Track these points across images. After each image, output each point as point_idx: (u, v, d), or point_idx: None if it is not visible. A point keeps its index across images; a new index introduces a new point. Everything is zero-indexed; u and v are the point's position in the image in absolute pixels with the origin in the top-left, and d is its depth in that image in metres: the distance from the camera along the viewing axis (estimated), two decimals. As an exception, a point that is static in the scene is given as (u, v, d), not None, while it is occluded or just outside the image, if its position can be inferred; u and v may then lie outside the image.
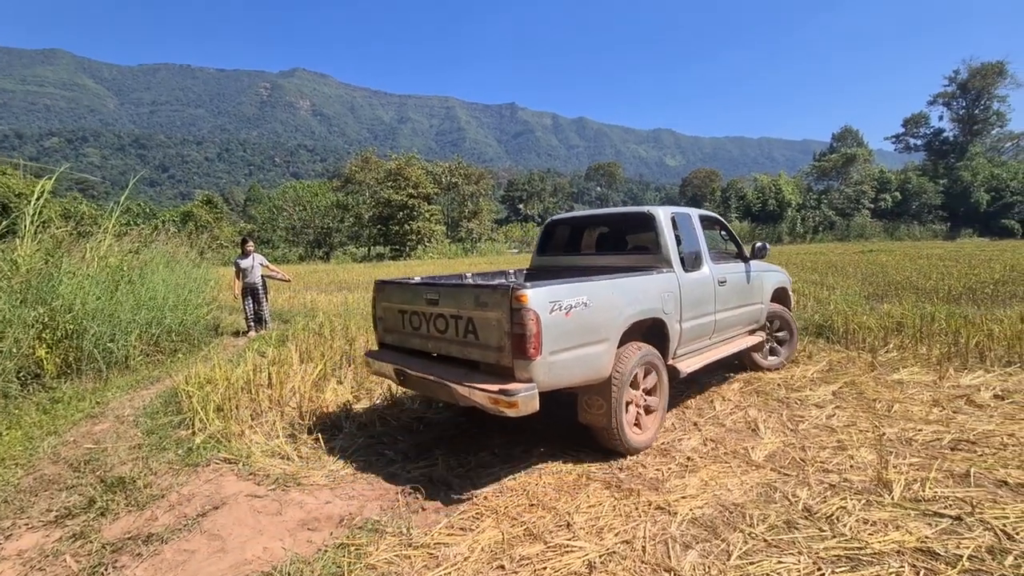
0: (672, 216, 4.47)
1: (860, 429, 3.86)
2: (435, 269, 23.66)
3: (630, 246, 4.83)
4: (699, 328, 4.37)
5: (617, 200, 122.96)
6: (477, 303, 3.20)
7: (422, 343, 3.72)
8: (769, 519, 2.72)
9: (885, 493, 2.93)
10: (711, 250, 4.95)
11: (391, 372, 3.66)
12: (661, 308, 3.85)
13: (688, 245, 4.46)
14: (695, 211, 4.86)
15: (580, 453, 3.62)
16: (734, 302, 4.88)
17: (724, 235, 5.50)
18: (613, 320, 3.42)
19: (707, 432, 3.94)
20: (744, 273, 5.10)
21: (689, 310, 4.19)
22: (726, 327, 4.82)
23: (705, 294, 4.44)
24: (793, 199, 55.08)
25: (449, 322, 3.43)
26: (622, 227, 5.11)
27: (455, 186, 52.83)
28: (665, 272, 4.11)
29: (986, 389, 4.59)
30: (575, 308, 3.18)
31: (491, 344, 3.15)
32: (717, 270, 4.68)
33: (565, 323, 3.10)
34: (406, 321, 3.84)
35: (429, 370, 3.43)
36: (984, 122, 59.76)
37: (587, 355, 3.26)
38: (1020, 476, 3.04)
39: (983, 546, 2.43)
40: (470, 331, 3.29)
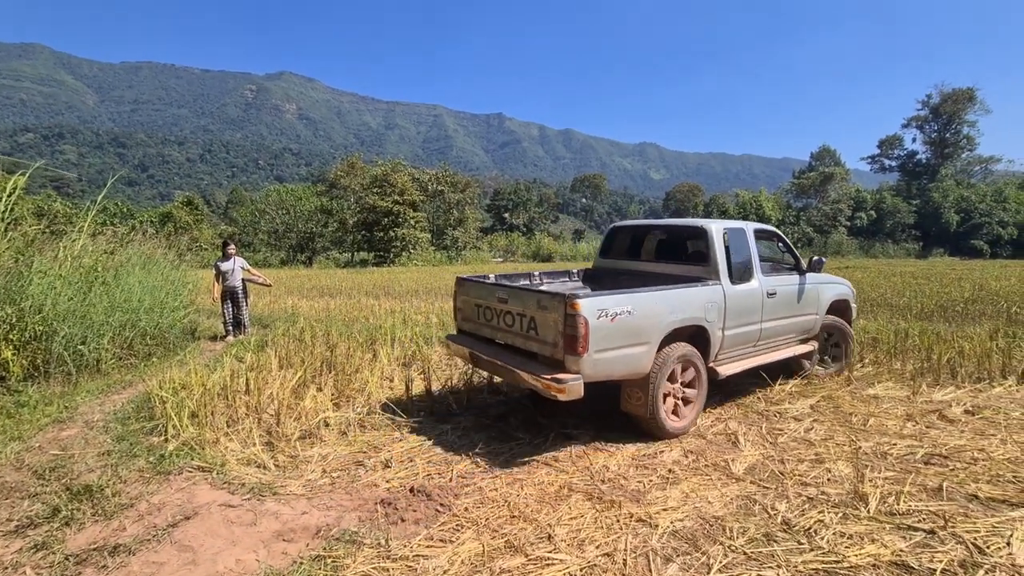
0: (724, 231, 4.75)
1: (837, 442, 3.92)
2: (420, 277, 23.53)
3: (684, 256, 5.10)
4: (743, 336, 4.69)
5: (602, 211, 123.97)
6: (539, 306, 3.80)
7: (492, 333, 4.36)
8: (749, 532, 2.74)
9: (861, 506, 2.97)
10: (767, 262, 5.39)
11: (466, 354, 4.45)
12: (704, 317, 4.26)
13: (738, 259, 4.75)
14: (751, 225, 5.14)
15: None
16: (783, 313, 5.11)
17: (782, 247, 5.64)
18: (654, 327, 3.90)
19: (688, 444, 3.96)
20: (797, 285, 5.31)
21: (733, 319, 4.53)
22: (773, 335, 5.08)
23: (751, 305, 4.74)
24: (773, 215, 56.21)
25: (516, 318, 4.04)
26: (678, 238, 5.36)
27: (441, 194, 52.77)
28: (712, 284, 4.46)
29: (957, 404, 4.71)
30: (620, 316, 3.69)
31: (548, 340, 3.73)
32: (767, 282, 4.94)
33: (610, 328, 3.63)
34: (480, 313, 4.52)
35: (497, 356, 4.12)
36: (955, 145, 62.07)
37: (628, 355, 3.78)
38: (990, 491, 3.12)
39: (955, 560, 2.47)
40: (532, 327, 3.89)
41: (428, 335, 7.70)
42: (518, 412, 4.71)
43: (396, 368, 6.13)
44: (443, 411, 4.74)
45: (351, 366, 5.67)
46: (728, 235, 4.75)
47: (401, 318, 9.75)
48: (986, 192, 55.82)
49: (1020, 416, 4.39)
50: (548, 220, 75.46)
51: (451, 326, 8.35)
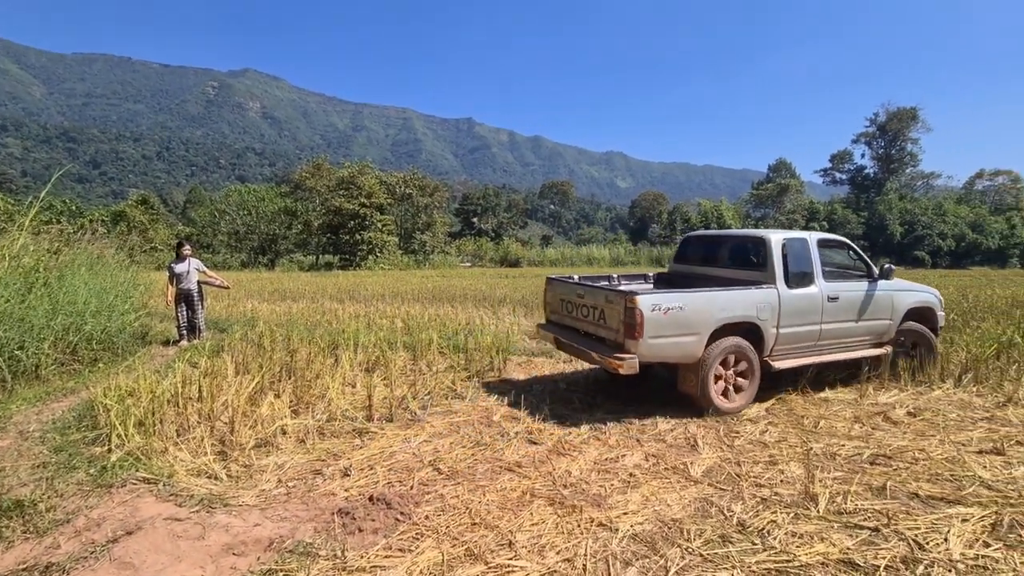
0: (783, 241, 5.29)
1: (790, 444, 4.05)
2: (386, 281, 23.21)
3: (746, 263, 5.61)
4: (799, 335, 5.20)
5: (570, 218, 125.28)
6: (607, 300, 4.78)
7: (572, 322, 5.40)
8: (706, 534, 2.79)
9: (812, 506, 3.08)
10: (836, 268, 5.87)
11: (552, 339, 5.61)
12: (756, 315, 4.89)
13: (796, 266, 5.24)
14: (815, 235, 5.58)
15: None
16: (847, 316, 5.49)
17: (852, 255, 5.98)
18: (703, 321, 4.64)
19: (649, 448, 4.02)
20: (865, 291, 5.62)
21: (788, 319, 5.08)
22: (836, 337, 5.48)
23: (809, 307, 5.22)
24: (733, 224, 58.07)
25: (590, 310, 5.04)
26: (742, 246, 5.88)
27: (409, 197, 52.27)
28: (766, 288, 5.03)
29: (900, 407, 4.94)
30: (671, 310, 4.51)
31: (612, 327, 4.69)
32: (829, 287, 5.37)
33: (663, 319, 4.47)
34: (563, 306, 5.56)
35: (576, 340, 5.14)
36: (899, 161, 65.79)
37: (679, 342, 4.59)
38: (930, 489, 3.28)
39: (898, 556, 2.58)
40: (601, 318, 4.86)
41: (393, 340, 7.58)
42: (482, 416, 4.69)
43: (359, 374, 6.01)
44: (407, 418, 4.67)
45: (311, 372, 5.52)
46: (787, 244, 5.28)
47: (365, 323, 9.58)
48: (927, 206, 59.36)
49: (956, 417, 4.64)
50: (517, 226, 75.71)
51: (416, 330, 8.25)
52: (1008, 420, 4.56)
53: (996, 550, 2.61)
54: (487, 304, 13.20)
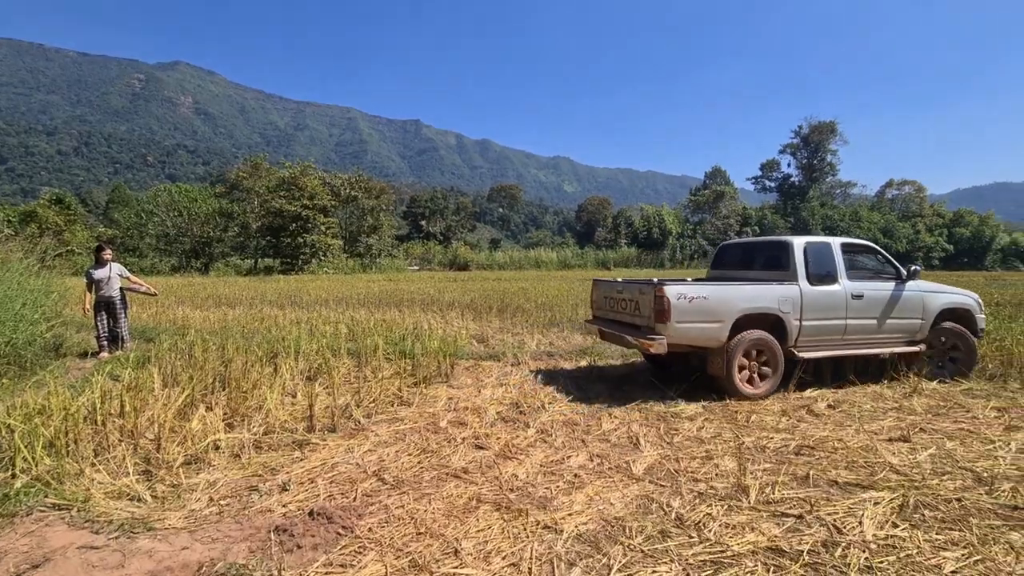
0: (805, 244, 5.90)
1: (724, 439, 4.26)
2: (330, 285, 22.49)
3: (773, 264, 6.15)
4: (823, 328, 5.75)
5: (518, 221, 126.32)
6: (640, 292, 5.63)
7: (613, 315, 6.30)
8: (646, 530, 2.88)
9: (744, 498, 3.24)
10: (861, 269, 6.29)
11: (597, 331, 6.73)
12: (777, 308, 5.52)
13: (818, 266, 5.83)
14: (839, 240, 6.13)
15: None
16: (873, 313, 5.96)
17: (880, 258, 6.41)
18: (726, 310, 5.35)
19: (594, 448, 4.11)
20: (892, 291, 6.07)
21: (810, 313, 5.66)
22: (862, 332, 5.95)
23: (832, 303, 5.77)
24: (674, 229, 60.53)
25: (627, 303, 5.92)
26: (769, 251, 6.39)
27: (355, 199, 50.96)
28: (787, 284, 5.68)
29: (822, 400, 5.32)
30: (696, 299, 5.27)
31: (645, 315, 5.50)
32: (853, 286, 5.89)
33: (688, 307, 5.23)
34: (606, 302, 6.49)
35: (616, 329, 6.01)
36: (821, 171, 70.94)
37: (703, 328, 5.32)
38: (848, 476, 3.54)
39: (819, 541, 2.77)
40: (636, 308, 5.69)
41: (337, 346, 7.36)
42: (429, 423, 4.63)
43: (300, 383, 5.79)
44: (350, 427, 4.54)
45: (248, 382, 5.26)
46: (808, 247, 5.89)
47: (308, 329, 9.24)
48: (845, 212, 64.54)
49: (870, 409, 5.04)
50: (465, 229, 75.51)
51: (361, 336, 8.03)
52: (913, 409, 5.01)
53: (903, 530, 2.85)
54: (435, 308, 13.07)
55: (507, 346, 8.27)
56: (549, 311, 12.07)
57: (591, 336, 9.10)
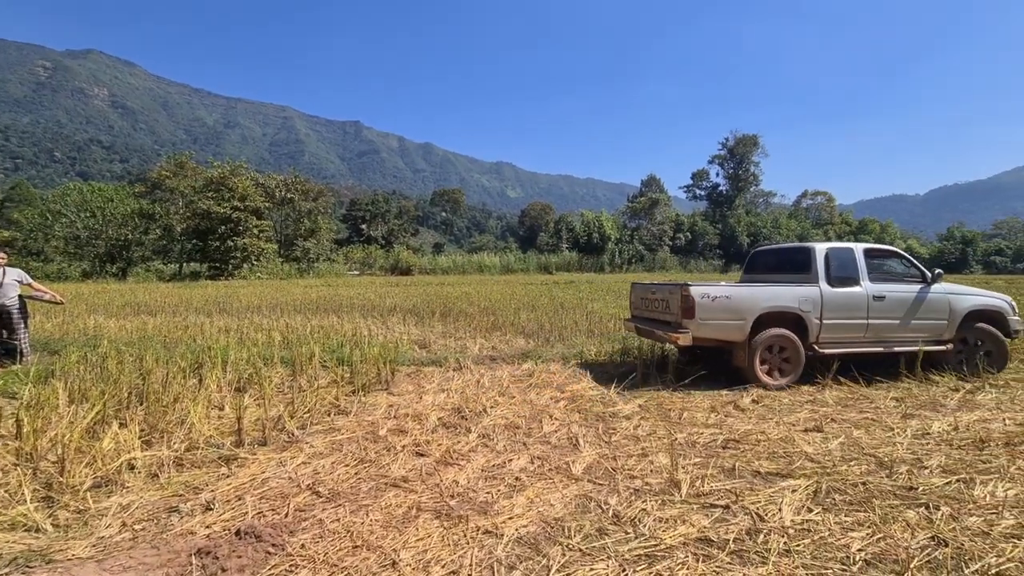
0: (827, 250, 6.44)
1: (658, 436, 4.43)
2: (264, 291, 21.42)
3: (798, 268, 6.59)
4: (844, 327, 6.25)
5: (461, 225, 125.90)
6: (670, 293, 6.32)
7: (647, 313, 7.09)
8: (585, 529, 2.94)
9: (676, 492, 3.39)
10: (886, 273, 6.91)
11: (634, 328, 7.31)
12: (797, 307, 6.08)
13: (839, 270, 6.32)
14: (861, 245, 6.58)
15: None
16: (895, 314, 6.39)
17: (906, 263, 6.90)
18: (748, 308, 5.95)
19: (535, 451, 4.15)
20: (915, 293, 6.49)
21: (831, 312, 6.16)
22: (885, 331, 6.39)
23: (853, 304, 6.25)
24: (612, 234, 62.45)
25: (659, 302, 6.67)
26: (795, 256, 6.82)
27: (291, 201, 48.88)
28: (808, 285, 6.21)
29: (747, 396, 5.65)
30: (719, 298, 5.93)
31: (674, 311, 6.20)
32: (875, 288, 6.35)
33: (712, 305, 5.91)
34: (642, 302, 7.29)
35: (650, 326, 6.69)
36: (745, 180, 75.69)
37: (726, 324, 5.96)
38: (769, 466, 3.78)
39: (744, 529, 2.93)
40: (667, 306, 6.42)
41: (269, 355, 7.01)
42: (367, 432, 4.51)
43: (228, 394, 5.47)
44: (283, 439, 4.34)
45: (169, 395, 4.90)
46: (830, 252, 6.41)
47: (237, 337, 8.75)
48: (767, 219, 69.32)
49: (788, 403, 5.42)
50: (408, 233, 74.28)
51: (296, 344, 7.69)
52: (825, 402, 5.44)
53: (817, 514, 3.07)
54: (376, 314, 12.76)
55: (450, 351, 8.21)
56: (492, 315, 12.09)
57: (532, 339, 9.21)
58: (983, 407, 5.22)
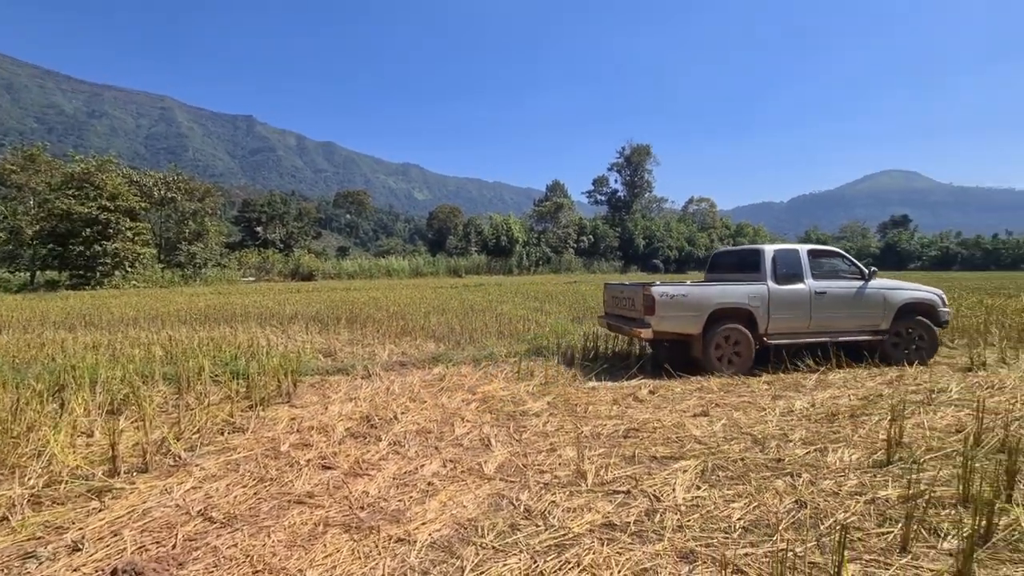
0: (774, 251, 7.17)
1: (566, 431, 4.64)
2: (140, 301, 19.16)
3: (751, 268, 7.28)
4: (789, 320, 6.96)
5: (367, 228, 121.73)
6: (634, 292, 7.01)
7: (617, 311, 7.73)
8: (498, 526, 3.01)
9: (582, 482, 3.57)
10: (828, 271, 7.51)
11: (606, 324, 7.99)
12: (747, 303, 6.79)
13: (785, 269, 7.06)
14: (806, 247, 7.28)
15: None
16: (836, 308, 7.12)
17: (847, 262, 7.56)
18: (703, 304, 6.68)
19: (447, 454, 4.16)
20: (854, 289, 7.23)
21: (777, 307, 6.89)
22: (827, 323, 7.11)
23: (797, 300, 6.99)
24: (520, 237, 63.85)
25: (626, 300, 7.38)
26: (748, 257, 7.51)
27: (172, 201, 44.19)
28: (757, 283, 6.94)
29: (645, 388, 6.08)
30: (676, 296, 6.62)
31: (638, 309, 6.86)
32: (817, 284, 7.09)
33: (670, 302, 6.61)
34: (613, 301, 7.97)
35: (619, 322, 7.41)
36: (640, 187, 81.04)
37: (683, 319, 6.66)
38: (664, 451, 4.10)
39: (643, 510, 3.17)
40: (633, 304, 7.08)
41: (149, 372, 6.33)
42: (267, 448, 4.24)
43: (99, 418, 4.86)
44: (168, 464, 3.95)
45: (20, 424, 4.26)
46: (777, 253, 7.14)
47: (108, 354, 7.78)
48: (660, 224, 74.89)
49: (680, 392, 5.92)
50: (309, 236, 70.35)
51: (182, 358, 7.01)
52: (711, 389, 6.00)
53: (704, 491, 3.40)
54: (275, 322, 11.98)
55: (357, 358, 7.93)
56: (401, 320, 11.86)
57: (443, 343, 9.18)
58: (834, 386, 6.07)
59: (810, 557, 2.64)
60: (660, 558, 2.65)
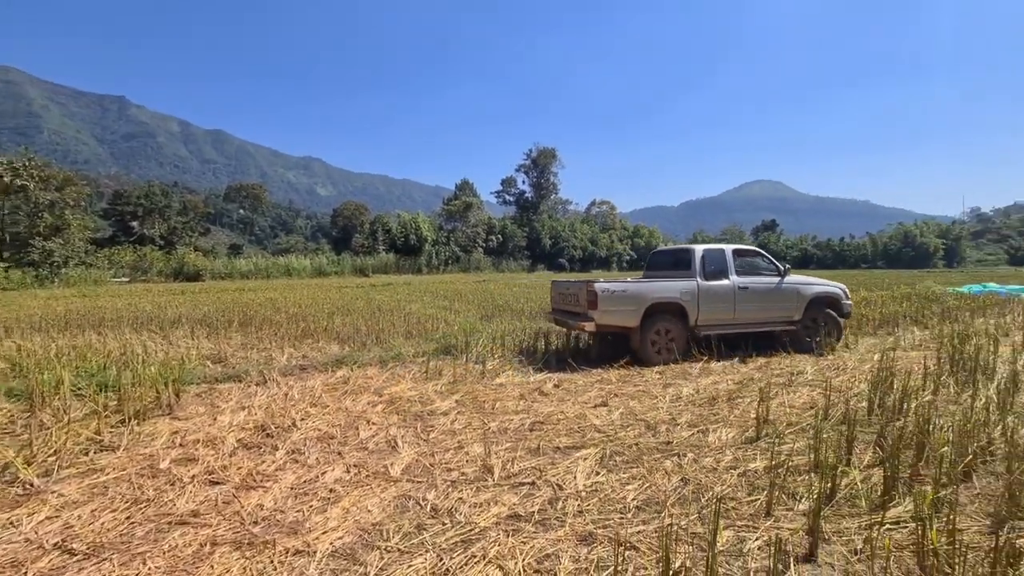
0: (703, 250, 7.85)
1: (473, 428, 4.69)
2: (-25, 306, 16.25)
3: (685, 266, 7.92)
4: (717, 312, 7.64)
5: (264, 225, 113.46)
6: (578, 289, 7.56)
7: (564, 306, 8.18)
8: (403, 528, 2.98)
9: (489, 476, 3.64)
10: (750, 268, 8.14)
11: (554, 320, 8.56)
12: (679, 297, 7.43)
13: (712, 266, 7.73)
14: (731, 246, 8.02)
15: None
16: (756, 301, 7.85)
17: (766, 260, 8.31)
18: (640, 299, 7.26)
19: (351, 459, 4.02)
20: (771, 284, 7.99)
21: (706, 301, 7.55)
22: (749, 315, 7.84)
23: (723, 294, 7.66)
24: (429, 236, 63.10)
25: (571, 296, 7.86)
26: (680, 255, 8.26)
27: (22, 190, 37.95)
28: (688, 280, 7.59)
29: (550, 382, 6.31)
30: (616, 292, 7.15)
31: (582, 304, 7.33)
32: (740, 280, 7.79)
33: (611, 297, 7.12)
34: (560, 297, 8.46)
35: (565, 317, 7.90)
36: (547, 188, 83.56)
37: (623, 312, 7.19)
38: (567, 441, 4.29)
39: (546, 499, 3.30)
40: (577, 299, 7.54)
41: (-12, 390, 5.42)
42: (143, 467, 3.83)
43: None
44: (15, 493, 3.42)
45: None
46: (705, 252, 7.81)
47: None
48: (565, 224, 77.81)
49: (582, 384, 6.23)
50: (196, 232, 64.07)
51: (35, 370, 6.08)
52: (610, 380, 6.38)
53: (602, 476, 3.62)
54: (155, 327, 10.78)
55: (252, 363, 7.38)
56: (303, 321, 11.22)
57: (348, 344, 8.84)
58: (715, 373, 6.72)
59: (692, 528, 2.91)
60: (562, 543, 2.78)
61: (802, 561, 2.62)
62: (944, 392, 5.42)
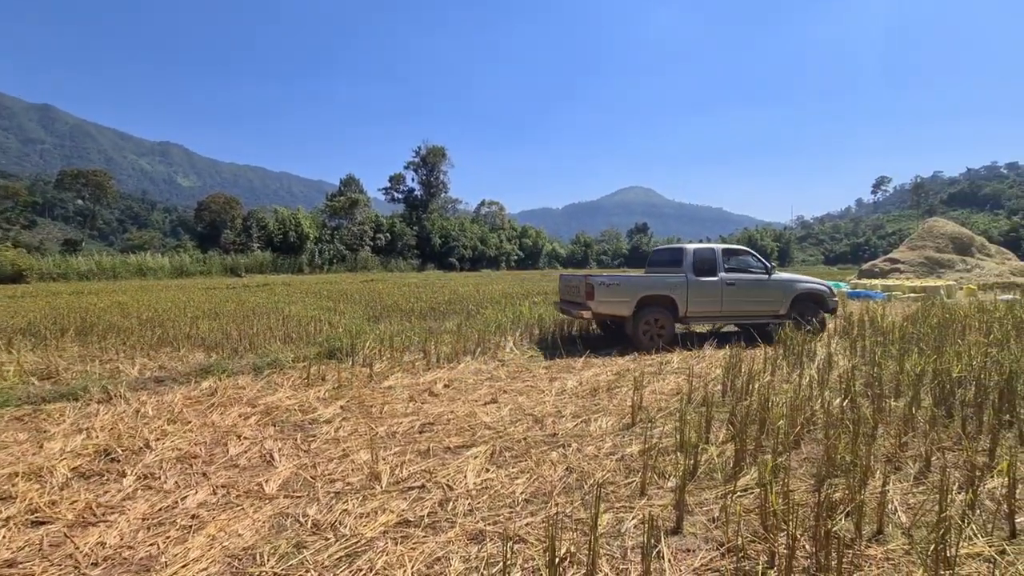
0: (694, 248, 8.79)
1: (360, 434, 4.48)
2: None
3: (677, 263, 8.79)
4: (704, 304, 8.52)
5: (111, 218, 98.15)
6: (579, 282, 8.62)
7: (568, 297, 9.36)
8: (280, 549, 2.75)
9: (377, 484, 3.50)
10: (738, 266, 8.91)
11: (560, 309, 9.45)
12: (669, 291, 8.31)
13: (701, 263, 8.61)
14: (720, 246, 8.85)
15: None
16: (743, 296, 8.72)
17: (754, 258, 9.13)
18: (632, 291, 8.25)
19: (218, 479, 3.63)
20: (758, 280, 8.85)
21: (694, 295, 8.43)
22: (736, 308, 8.75)
23: (712, 289, 8.54)
24: (311, 233, 59.22)
25: (574, 289, 8.98)
26: (674, 253, 9.06)
27: None
28: (679, 275, 8.49)
29: (440, 382, 6.25)
30: (611, 285, 8.19)
31: (582, 295, 8.37)
32: (728, 277, 8.64)
33: (607, 289, 8.15)
34: (565, 289, 9.69)
35: (569, 307, 8.94)
36: (437, 187, 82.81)
37: (616, 302, 8.21)
38: (458, 441, 4.28)
39: (437, 501, 3.26)
40: (578, 292, 8.63)
41: None
42: None
43: None
44: None
45: None
46: (696, 251, 8.74)
47: None
48: (455, 224, 77.82)
49: (472, 383, 6.26)
50: (15, 225, 53.38)
51: None
52: (499, 377, 6.50)
53: (492, 472, 3.66)
54: (-52, 341, 8.77)
55: (92, 378, 6.33)
56: (160, 328, 9.88)
57: (216, 351, 7.97)
58: (596, 366, 7.15)
59: (576, 515, 3.07)
60: (452, 544, 2.77)
61: (670, 534, 2.89)
62: (779, 373, 6.35)
